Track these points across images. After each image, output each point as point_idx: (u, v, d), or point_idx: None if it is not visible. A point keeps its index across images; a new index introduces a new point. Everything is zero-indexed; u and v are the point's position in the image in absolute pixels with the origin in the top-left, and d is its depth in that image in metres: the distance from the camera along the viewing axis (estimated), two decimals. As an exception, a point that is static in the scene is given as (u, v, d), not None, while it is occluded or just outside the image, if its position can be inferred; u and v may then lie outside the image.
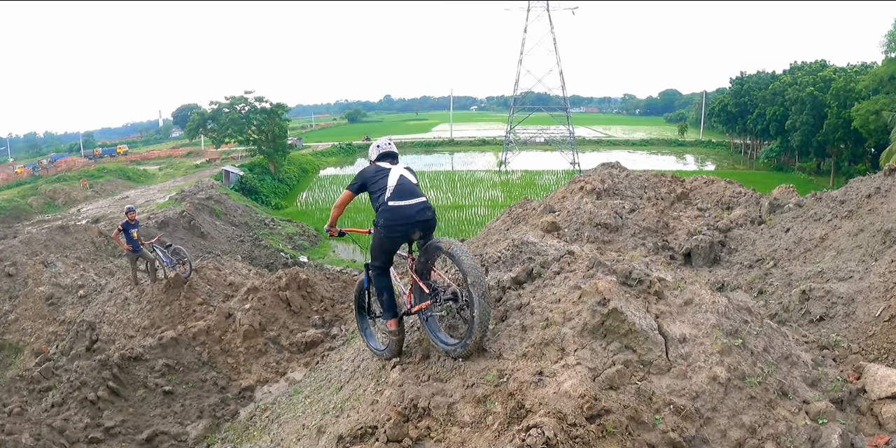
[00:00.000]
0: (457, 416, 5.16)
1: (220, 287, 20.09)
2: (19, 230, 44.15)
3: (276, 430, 10.47)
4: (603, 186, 14.48)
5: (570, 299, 5.87)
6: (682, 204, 15.37)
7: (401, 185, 6.68)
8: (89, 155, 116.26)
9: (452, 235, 47.78)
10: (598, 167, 17.87)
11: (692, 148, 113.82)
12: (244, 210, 58.62)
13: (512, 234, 11.08)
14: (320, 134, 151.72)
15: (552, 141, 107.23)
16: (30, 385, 18.14)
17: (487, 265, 8.13)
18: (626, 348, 5.41)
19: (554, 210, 13.26)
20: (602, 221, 12.31)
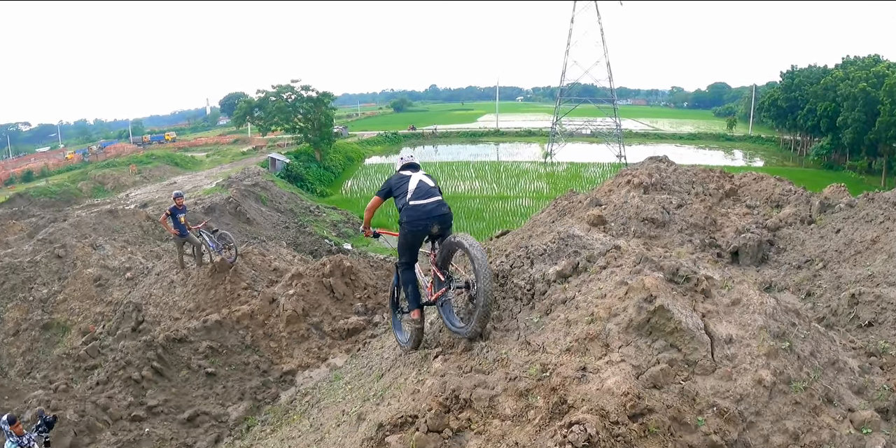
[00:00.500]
0: (498, 408, 5.13)
1: (264, 272, 20.35)
2: (69, 214, 45.11)
3: (315, 414, 10.57)
4: (650, 180, 14.19)
5: (616, 295, 5.78)
6: (730, 200, 15.04)
7: (419, 188, 7.78)
8: (138, 141, 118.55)
9: (497, 226, 47.72)
10: (646, 161, 17.55)
11: (741, 143, 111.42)
12: (289, 197, 59.14)
13: (557, 226, 10.99)
14: (366, 123, 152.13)
15: (598, 133, 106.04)
16: (76, 363, 18.60)
17: (533, 257, 8.04)
18: (671, 347, 5.32)
19: (600, 203, 13.08)
20: (649, 216, 12.08)
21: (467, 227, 50.57)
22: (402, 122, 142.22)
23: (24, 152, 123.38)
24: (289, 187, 64.26)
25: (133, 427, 13.97)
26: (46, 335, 21.80)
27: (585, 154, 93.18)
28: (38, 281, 24.54)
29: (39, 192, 59.24)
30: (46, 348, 21.23)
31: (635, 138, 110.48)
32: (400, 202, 7.80)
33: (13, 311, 22.84)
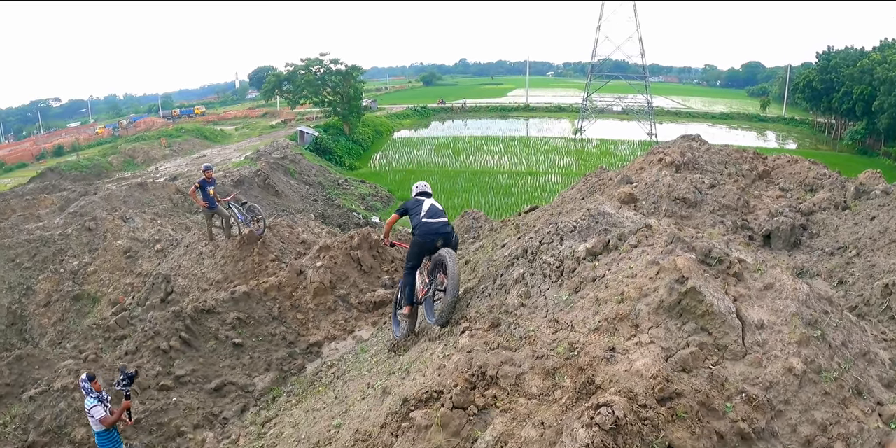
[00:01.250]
0: (524, 386, 5.06)
1: (292, 244, 20.43)
2: (99, 187, 45.56)
3: (340, 386, 10.61)
4: (682, 159, 13.88)
5: (647, 275, 5.66)
6: (763, 182, 14.70)
7: (430, 209, 9.79)
8: (168, 115, 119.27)
9: (525, 202, 47.55)
10: (678, 139, 17.21)
11: (774, 124, 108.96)
12: (318, 170, 59.23)
13: (587, 203, 10.82)
14: (395, 96, 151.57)
15: (629, 110, 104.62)
16: (105, 333, 18.85)
17: (562, 234, 7.94)
18: (702, 330, 5.20)
19: (631, 181, 12.85)
20: (681, 195, 11.81)
21: (495, 203, 50.43)
22: (431, 95, 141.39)
23: (54, 128, 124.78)
24: (317, 160, 64.30)
25: (161, 396, 14.15)
26: (77, 306, 22.12)
27: (616, 131, 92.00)
28: (69, 253, 24.88)
29: (70, 167, 59.81)
30: (77, 319, 21.55)
31: (666, 116, 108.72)
32: (415, 220, 9.76)
33: (44, 282, 23.18)
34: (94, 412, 10.15)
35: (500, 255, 12.65)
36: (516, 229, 14.78)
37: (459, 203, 50.18)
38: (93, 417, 10.25)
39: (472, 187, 56.36)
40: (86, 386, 10.38)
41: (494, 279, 8.77)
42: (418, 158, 72.57)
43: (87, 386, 10.37)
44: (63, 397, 13.64)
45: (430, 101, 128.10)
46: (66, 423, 13.19)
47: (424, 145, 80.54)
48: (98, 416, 10.16)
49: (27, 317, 22.45)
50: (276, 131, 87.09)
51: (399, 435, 5.56)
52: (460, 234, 24.35)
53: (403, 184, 58.51)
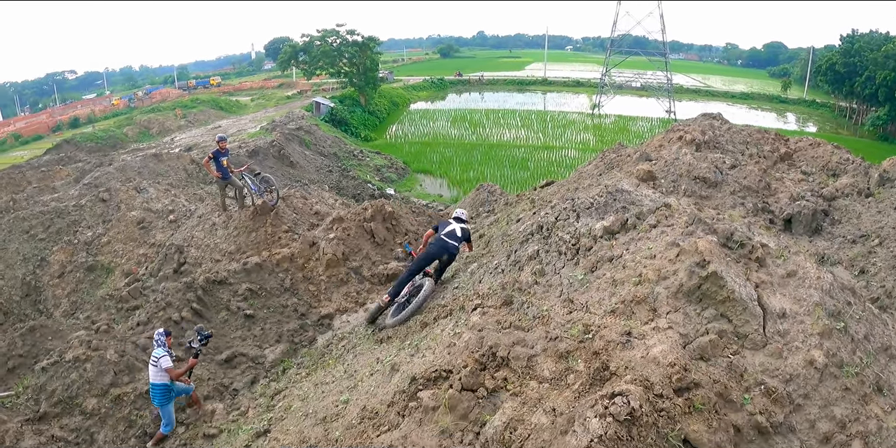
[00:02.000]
0: (536, 369, 4.87)
1: (305, 216, 20.26)
2: (114, 158, 45.49)
3: (350, 360, 10.48)
4: (703, 138, 13.38)
5: (667, 257, 5.43)
6: (784, 165, 14.21)
7: (451, 232, 11.60)
8: (183, 86, 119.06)
9: (541, 176, 47.18)
10: (699, 117, 16.61)
11: (794, 106, 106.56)
12: (333, 141, 58.94)
13: (605, 180, 10.55)
14: (412, 68, 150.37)
15: (648, 86, 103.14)
16: (118, 304, 18.83)
17: (579, 211, 7.70)
18: (722, 317, 4.98)
19: (650, 158, 12.47)
20: (701, 175, 11.40)
21: (511, 177, 50.06)
22: (448, 68, 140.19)
23: (70, 100, 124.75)
24: (333, 131, 63.98)
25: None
26: (91, 277, 22.12)
27: (634, 107, 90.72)
28: (83, 224, 24.83)
29: (86, 138, 59.81)
30: (90, 289, 21.56)
31: (686, 94, 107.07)
32: (437, 235, 11.70)
33: (59, 253, 23.19)
34: (163, 361, 11.02)
35: (514, 229, 12.43)
36: (532, 204, 14.55)
37: (475, 176, 49.90)
38: (159, 367, 11.10)
39: (487, 161, 55.90)
40: (160, 339, 11.42)
41: (508, 255, 8.57)
42: (434, 130, 72.03)
43: (161, 339, 11.42)
44: (75, 368, 13.58)
45: (447, 73, 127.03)
46: (77, 393, 13.17)
47: (441, 117, 79.95)
48: (165, 366, 11.02)
49: (41, 288, 22.49)
50: (292, 102, 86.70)
51: (406, 415, 5.41)
52: (475, 207, 24.19)
53: (419, 156, 58.22)
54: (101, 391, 13.32)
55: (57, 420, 13.08)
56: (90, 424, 12.99)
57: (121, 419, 13.16)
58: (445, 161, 56.15)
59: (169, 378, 11.27)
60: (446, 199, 44.33)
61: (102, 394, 13.30)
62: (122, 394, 13.38)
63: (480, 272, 8.28)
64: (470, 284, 8.10)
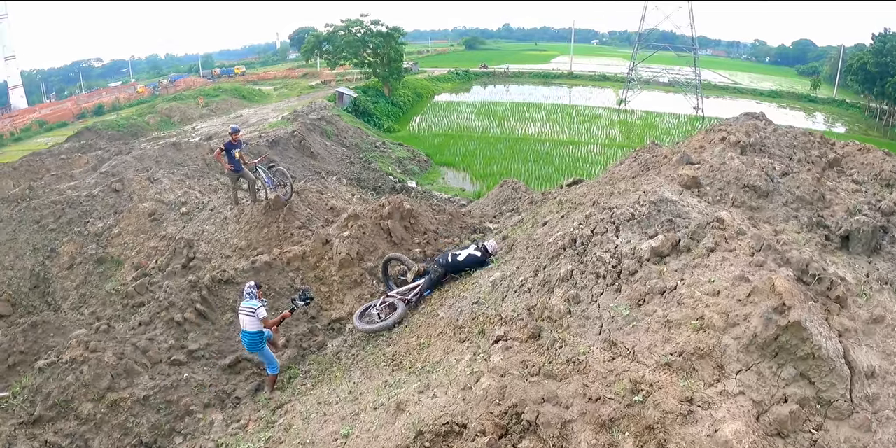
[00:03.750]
0: (571, 441, 3.83)
1: (320, 211, 19.38)
2: (135, 146, 44.86)
3: (357, 378, 9.62)
4: (748, 140, 12.02)
5: (735, 295, 4.38)
6: (833, 171, 12.73)
7: (468, 255, 13.07)
8: (208, 75, 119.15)
9: (566, 172, 46.97)
10: (741, 117, 15.26)
11: (823, 106, 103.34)
12: (355, 132, 58.06)
13: (643, 184, 9.44)
14: (437, 59, 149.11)
15: (676, 82, 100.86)
16: (124, 299, 18.16)
17: (618, 223, 6.70)
18: (802, 378, 3.95)
19: (692, 161, 11.15)
20: (751, 183, 9.97)
21: (535, 171, 48.96)
22: (473, 60, 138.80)
23: (96, 87, 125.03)
24: (355, 122, 63.07)
25: (172, 371, 13.41)
26: (100, 269, 21.43)
27: (661, 103, 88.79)
28: (95, 215, 24.11)
29: (107, 126, 59.46)
30: (99, 282, 20.88)
31: (713, 90, 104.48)
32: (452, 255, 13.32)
33: (68, 245, 22.54)
34: (259, 312, 11.56)
35: (540, 234, 11.46)
36: (559, 205, 13.51)
37: (498, 170, 48.86)
38: (255, 317, 11.65)
39: (512, 155, 54.80)
40: (252, 292, 11.89)
41: (536, 271, 7.56)
42: (458, 123, 70.88)
43: (253, 292, 11.89)
44: (71, 370, 12.94)
45: (472, 65, 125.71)
46: (73, 397, 12.54)
47: (465, 110, 78.84)
48: (262, 316, 11.59)
49: (50, 279, 21.85)
50: (315, 92, 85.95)
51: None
52: (499, 204, 23.14)
53: (442, 148, 57.23)
54: (97, 395, 12.66)
55: (51, 424, 12.41)
56: (85, 430, 12.34)
57: (116, 426, 12.56)
58: (469, 154, 55.13)
59: (263, 327, 11.84)
60: (469, 193, 43.24)
61: (98, 398, 12.64)
62: (119, 399, 12.76)
63: (503, 286, 7.32)
64: (492, 301, 7.14)
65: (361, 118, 67.35)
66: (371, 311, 13.20)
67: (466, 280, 11.91)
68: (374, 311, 13.13)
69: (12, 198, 28.18)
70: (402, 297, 13.33)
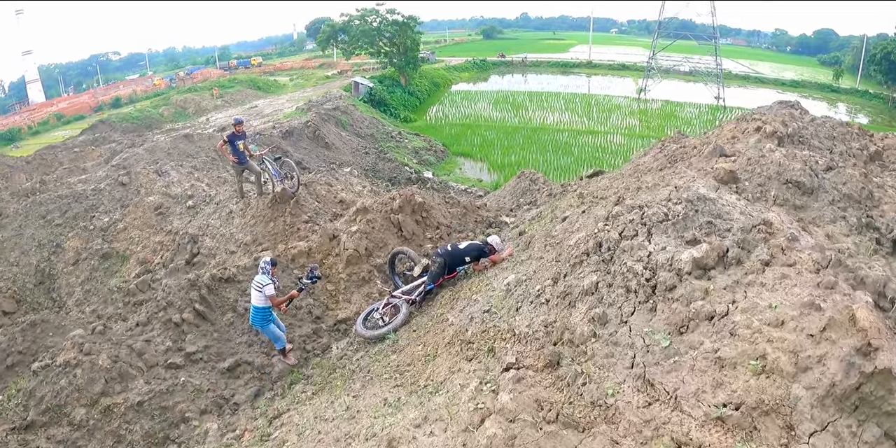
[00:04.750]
0: (597, 518, 2.93)
1: (328, 204, 18.54)
2: (148, 139, 44.42)
3: (357, 390, 8.83)
4: (786, 130, 10.70)
5: (805, 328, 3.42)
6: (876, 166, 11.61)
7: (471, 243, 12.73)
8: (225, 66, 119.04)
9: (585, 162, 46.01)
10: (775, 105, 13.92)
11: (846, 96, 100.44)
12: (371, 122, 57.18)
13: (673, 178, 8.46)
14: (454, 49, 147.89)
15: (696, 71, 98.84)
16: (125, 297, 17.54)
17: (650, 225, 5.77)
18: (888, 439, 3.00)
19: (726, 153, 9.91)
20: (794, 178, 8.74)
21: (554, 162, 47.92)
22: (491, 49, 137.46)
23: (113, 80, 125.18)
24: (371, 112, 62.20)
25: (168, 375, 12.72)
26: (105, 265, 20.83)
27: (681, 93, 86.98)
28: (101, 209, 23.51)
29: (121, 118, 59.22)
30: (104, 278, 20.29)
31: (734, 80, 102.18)
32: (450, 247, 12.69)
33: (74, 240, 21.98)
34: (267, 289, 11.50)
35: (559, 230, 10.59)
36: (580, 199, 12.60)
37: (516, 160, 47.88)
38: (262, 293, 11.59)
39: (530, 145, 53.76)
40: (266, 268, 11.76)
41: (555, 279, 6.64)
42: (476, 112, 69.86)
43: (267, 268, 11.77)
44: (65, 374, 12.32)
45: (489, 54, 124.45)
46: (66, 402, 11.94)
47: (482, 99, 77.76)
48: (269, 293, 11.53)
49: (55, 275, 21.30)
50: (331, 82, 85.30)
51: None
52: (517, 196, 22.24)
53: (459, 138, 56.32)
54: (90, 401, 12.02)
55: (44, 430, 11.82)
56: (77, 437, 11.70)
57: (109, 433, 11.92)
58: (486, 144, 54.14)
59: (270, 304, 11.79)
60: (486, 183, 42.32)
61: (92, 404, 12.00)
62: (113, 404, 12.11)
63: (519, 292, 6.47)
64: (505, 311, 6.29)
65: (377, 108, 66.53)
66: (374, 314, 12.59)
67: (480, 280, 11.04)
68: (378, 314, 12.48)
69: (23, 192, 27.75)
70: (406, 297, 12.65)
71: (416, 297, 12.52)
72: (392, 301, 12.64)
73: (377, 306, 12.74)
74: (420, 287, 12.65)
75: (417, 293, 12.57)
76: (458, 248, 12.54)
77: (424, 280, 12.67)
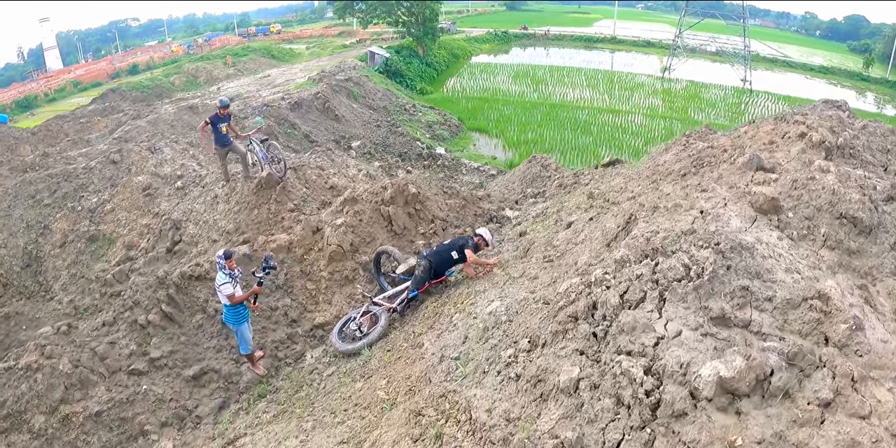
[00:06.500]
0: None
1: (318, 190, 17.18)
2: (156, 108, 43.18)
3: (308, 431, 7.64)
4: (835, 140, 8.52)
5: None
6: None
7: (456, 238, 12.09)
8: (243, 34, 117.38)
9: (604, 143, 44.61)
10: (820, 105, 11.32)
11: (875, 85, 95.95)
12: (384, 93, 55.42)
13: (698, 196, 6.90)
14: (476, 20, 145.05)
15: (723, 52, 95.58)
16: (103, 287, 16.66)
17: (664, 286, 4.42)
18: None
19: (765, 166, 7.86)
20: (849, 213, 6.67)
21: (572, 141, 46.16)
22: (513, 21, 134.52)
23: (132, 47, 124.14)
24: (385, 83, 60.39)
25: (130, 382, 11.89)
26: (92, 248, 19.80)
27: (707, 73, 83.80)
28: (91, 189, 22.29)
29: (132, 87, 57.89)
30: (90, 262, 19.29)
31: (762, 62, 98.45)
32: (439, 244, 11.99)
33: (61, 221, 20.94)
34: (223, 289, 10.63)
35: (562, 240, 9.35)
36: (589, 199, 11.25)
37: (533, 138, 46.12)
38: (221, 293, 10.75)
39: (548, 121, 51.80)
40: (220, 262, 10.78)
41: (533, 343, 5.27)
42: (494, 86, 67.72)
43: (221, 262, 10.77)
44: (26, 378, 11.68)
45: (512, 26, 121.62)
46: (26, 408, 11.37)
47: (502, 72, 75.62)
48: (226, 293, 10.64)
49: (42, 258, 20.29)
50: (348, 51, 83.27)
51: None
52: (525, 183, 20.87)
53: (475, 112, 54.59)
54: (49, 408, 11.38)
55: (5, 437, 11.33)
56: (36, 446, 11.12)
57: (67, 444, 11.31)
58: (503, 119, 52.27)
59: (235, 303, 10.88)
60: (500, 162, 40.66)
61: (51, 411, 11.36)
62: (72, 413, 11.46)
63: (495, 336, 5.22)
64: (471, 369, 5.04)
65: (393, 79, 64.73)
66: (351, 325, 11.48)
67: (466, 295, 9.79)
68: (355, 324, 11.38)
69: (22, 166, 26.78)
70: (387, 304, 11.49)
71: (398, 306, 11.39)
72: (372, 309, 11.51)
73: (354, 315, 11.60)
74: (403, 293, 11.50)
75: (399, 301, 11.42)
76: (443, 245, 11.49)
77: (408, 285, 11.52)
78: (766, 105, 59.94)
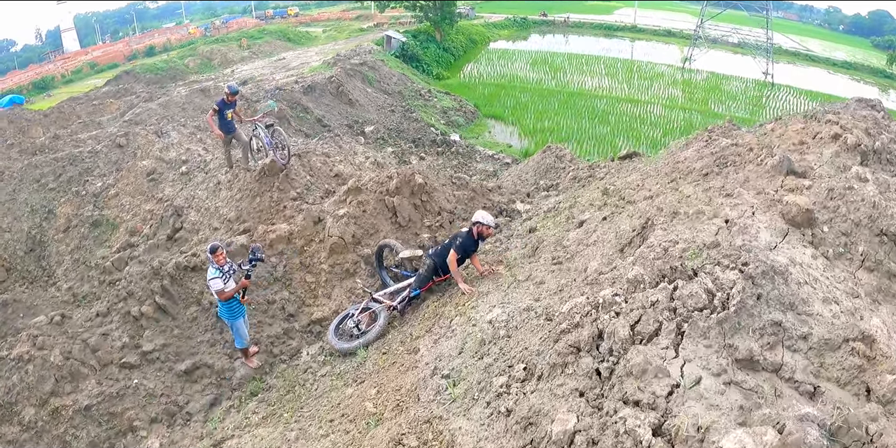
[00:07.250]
0: None
1: (322, 178, 16.67)
2: (169, 91, 42.85)
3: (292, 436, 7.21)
4: (871, 144, 7.69)
5: None
6: None
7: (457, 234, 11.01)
8: (261, 16, 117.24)
9: (622, 133, 43.90)
10: (853, 104, 10.35)
11: None
12: (399, 78, 54.71)
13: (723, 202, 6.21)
14: (495, 5, 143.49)
15: (745, 44, 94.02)
16: (102, 275, 16.33)
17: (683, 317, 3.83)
18: None
19: (796, 170, 7.08)
20: (891, 229, 5.90)
21: (590, 131, 45.37)
22: (533, 7, 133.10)
23: (149, 29, 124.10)
24: (401, 68, 59.65)
25: (121, 376, 11.55)
26: (95, 233, 19.50)
27: (728, 65, 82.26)
28: (96, 173, 22.00)
29: (146, 69, 57.60)
30: (93, 247, 18.99)
31: (784, 56, 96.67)
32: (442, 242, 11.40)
33: (66, 205, 20.64)
34: (212, 285, 10.39)
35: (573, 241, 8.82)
36: (604, 196, 10.69)
37: (550, 126, 45.35)
38: (210, 288, 10.52)
39: (565, 110, 50.99)
40: (208, 256, 10.53)
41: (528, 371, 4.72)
42: (512, 72, 66.78)
43: (209, 257, 10.52)
44: (17, 369, 11.41)
45: (531, 12, 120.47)
46: (17, 399, 11.15)
47: (520, 58, 74.65)
48: (215, 288, 10.38)
49: (46, 242, 20.03)
50: (365, 35, 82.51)
51: None
52: (539, 174, 20.25)
53: (492, 99, 53.81)
54: (39, 400, 11.12)
55: None
56: (25, 438, 10.87)
57: (56, 438, 10.93)
58: (520, 107, 51.44)
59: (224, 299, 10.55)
60: (515, 150, 39.93)
61: (41, 404, 11.10)
62: (61, 406, 11.11)
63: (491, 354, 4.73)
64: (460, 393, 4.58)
65: (409, 64, 63.93)
66: (349, 322, 10.97)
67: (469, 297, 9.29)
68: (353, 322, 10.90)
69: (31, 149, 26.47)
70: (387, 302, 11.03)
71: (398, 304, 10.91)
72: (371, 306, 11.04)
73: (353, 311, 11.14)
74: (405, 292, 11.01)
75: (400, 299, 10.93)
76: (446, 244, 10.81)
77: (411, 283, 11.04)
78: (787, 99, 58.92)
